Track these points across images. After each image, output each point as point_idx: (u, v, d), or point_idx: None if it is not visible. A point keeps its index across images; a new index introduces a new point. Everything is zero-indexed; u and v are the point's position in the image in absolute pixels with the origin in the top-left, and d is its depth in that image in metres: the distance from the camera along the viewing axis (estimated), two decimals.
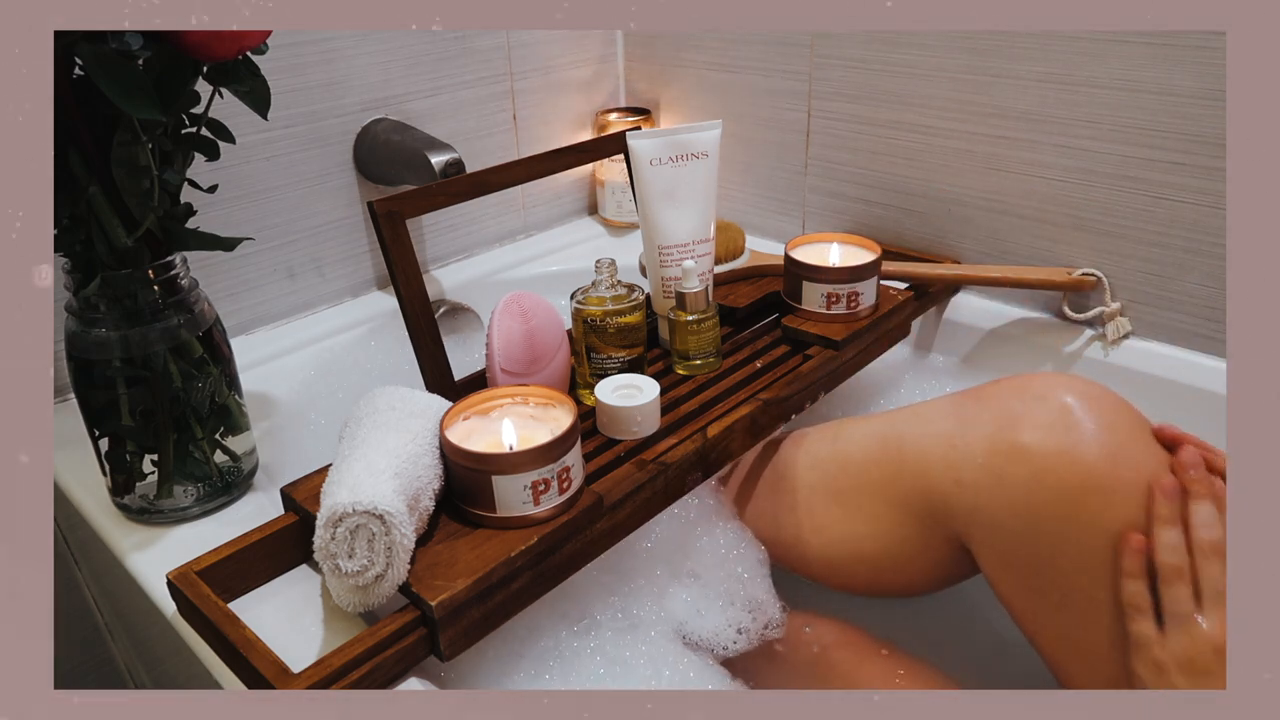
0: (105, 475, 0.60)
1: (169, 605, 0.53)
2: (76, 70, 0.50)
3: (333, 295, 0.93)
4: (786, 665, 0.65)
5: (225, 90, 0.55)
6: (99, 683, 0.87)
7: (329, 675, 0.44)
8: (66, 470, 0.66)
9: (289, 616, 0.52)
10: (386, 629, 0.47)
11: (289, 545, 0.55)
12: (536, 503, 0.52)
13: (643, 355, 0.67)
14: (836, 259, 0.77)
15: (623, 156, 0.74)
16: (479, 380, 0.67)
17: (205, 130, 0.57)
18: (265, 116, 0.56)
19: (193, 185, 0.59)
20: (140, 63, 0.50)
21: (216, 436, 0.61)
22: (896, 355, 0.89)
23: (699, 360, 0.70)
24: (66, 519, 0.73)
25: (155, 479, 0.59)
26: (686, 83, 1.08)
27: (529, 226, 1.11)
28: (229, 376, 0.61)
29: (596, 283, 0.66)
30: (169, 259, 0.57)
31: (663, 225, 0.72)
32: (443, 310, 0.92)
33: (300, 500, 0.54)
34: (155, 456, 0.59)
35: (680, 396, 0.68)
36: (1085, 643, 0.53)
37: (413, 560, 0.49)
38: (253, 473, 0.64)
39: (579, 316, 0.66)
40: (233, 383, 0.62)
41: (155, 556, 0.58)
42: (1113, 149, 0.77)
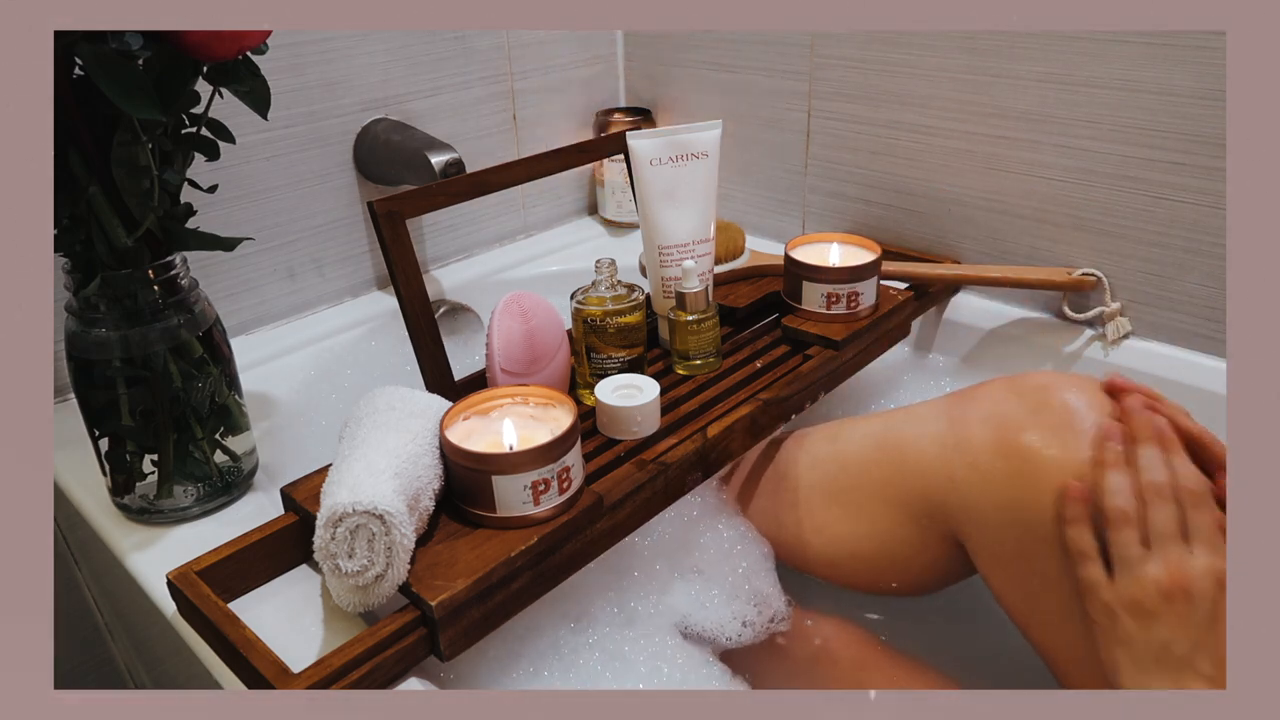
0: (105, 475, 0.60)
1: (169, 605, 0.53)
2: (76, 70, 0.50)
3: (333, 295, 0.93)
4: (788, 660, 0.65)
5: (225, 90, 0.55)
6: (99, 683, 0.87)
7: (329, 675, 0.44)
8: (66, 470, 0.66)
9: (289, 616, 0.52)
10: (386, 629, 0.47)
11: (289, 545, 0.55)
12: (536, 503, 0.52)
13: (643, 355, 0.67)
14: (836, 259, 0.77)
15: (623, 156, 0.74)
16: (479, 380, 0.67)
17: (205, 130, 0.57)
18: (265, 116, 0.57)
19: (193, 185, 0.59)
20: (140, 63, 0.50)
21: (216, 436, 0.61)
22: (896, 355, 0.89)
23: (699, 360, 0.70)
24: (66, 519, 0.73)
25: (155, 479, 0.59)
26: (686, 83, 1.08)
27: (529, 226, 1.11)
28: (229, 376, 0.61)
29: (596, 283, 0.66)
30: (169, 259, 0.57)
31: (663, 225, 0.72)
32: (443, 310, 0.92)
33: (300, 500, 0.54)
34: (155, 456, 0.59)
35: (680, 396, 0.68)
36: (1069, 632, 0.54)
37: (413, 560, 0.49)
38: (253, 473, 0.64)
39: (579, 316, 0.66)
40: (233, 383, 0.62)
41: (155, 556, 0.58)
42: (1113, 149, 0.77)
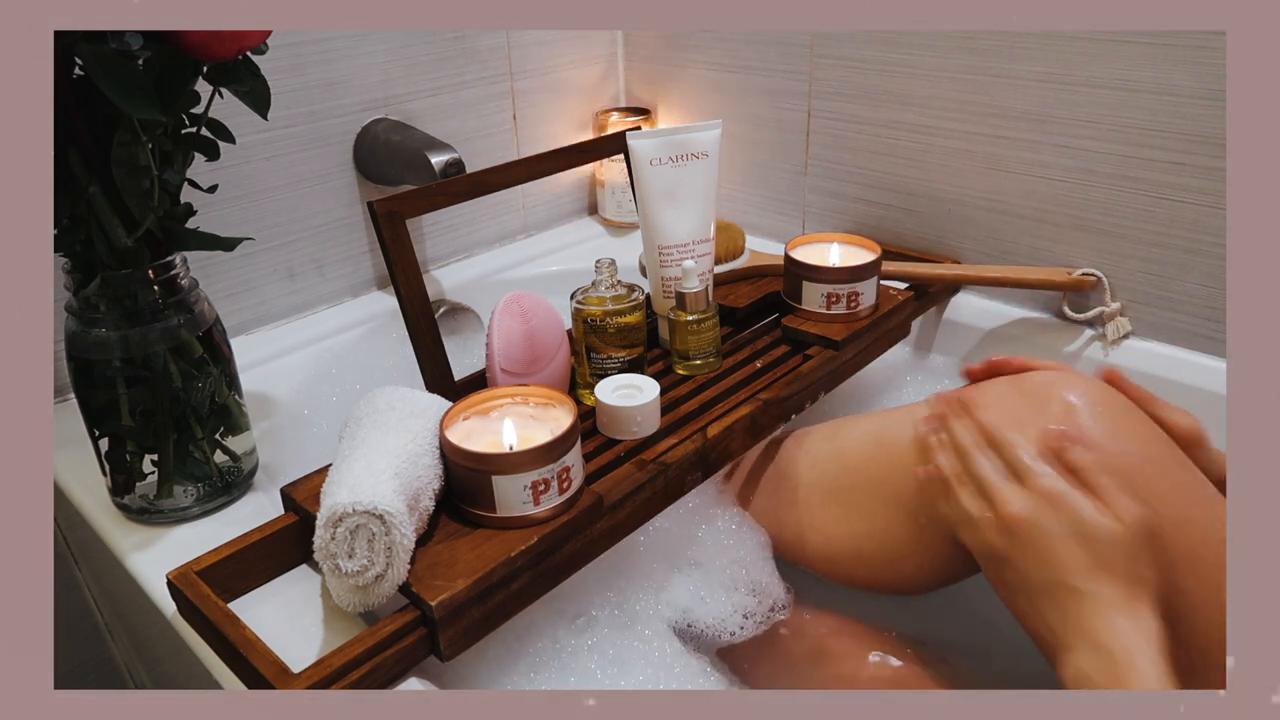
0: (105, 475, 0.60)
1: (169, 605, 0.53)
2: (76, 70, 0.50)
3: (333, 295, 0.93)
4: (786, 654, 0.65)
5: (225, 90, 0.55)
6: (99, 683, 0.87)
7: (329, 675, 0.44)
8: (66, 470, 0.66)
9: (289, 616, 0.52)
10: (386, 629, 0.47)
11: (289, 545, 0.55)
12: (536, 503, 0.52)
13: (643, 355, 0.67)
14: (836, 259, 0.77)
15: (623, 156, 0.74)
16: (479, 380, 0.67)
17: (205, 130, 0.57)
18: (265, 116, 0.57)
19: (193, 185, 0.59)
20: (140, 63, 0.50)
21: (216, 436, 0.61)
22: (896, 355, 0.89)
23: (699, 360, 0.70)
24: (66, 519, 0.73)
25: (155, 479, 0.59)
26: (686, 83, 1.08)
27: (529, 226, 1.11)
28: (229, 376, 0.61)
29: (596, 283, 0.66)
30: (169, 259, 0.57)
31: (663, 225, 0.72)
32: (443, 310, 0.92)
33: (300, 500, 0.54)
34: (155, 456, 0.59)
35: (680, 396, 0.68)
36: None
37: (413, 560, 0.49)
38: (253, 473, 0.64)
39: (579, 316, 0.66)
40: (233, 383, 0.62)
41: (155, 556, 0.58)
42: (1113, 149, 0.77)
